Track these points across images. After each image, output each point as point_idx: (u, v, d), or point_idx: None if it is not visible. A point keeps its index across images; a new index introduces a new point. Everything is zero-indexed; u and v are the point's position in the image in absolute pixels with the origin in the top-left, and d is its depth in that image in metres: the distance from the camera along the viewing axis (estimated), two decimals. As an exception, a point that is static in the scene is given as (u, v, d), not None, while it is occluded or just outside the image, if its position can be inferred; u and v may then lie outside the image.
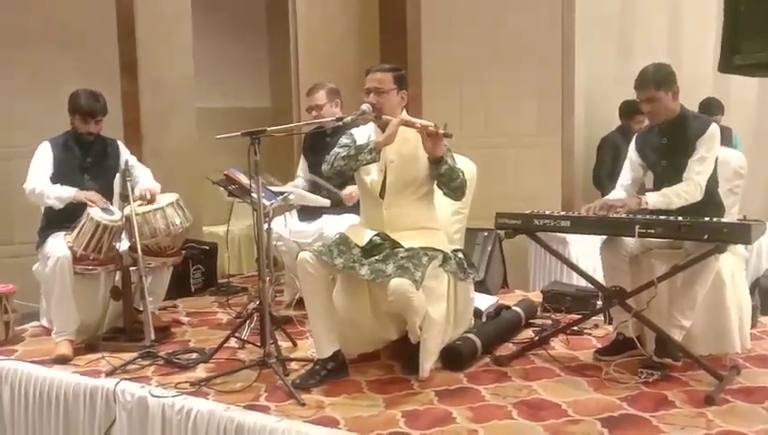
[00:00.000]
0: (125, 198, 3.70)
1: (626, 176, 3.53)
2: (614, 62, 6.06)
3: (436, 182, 3.26)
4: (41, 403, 3.29)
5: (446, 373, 3.22)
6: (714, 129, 3.27)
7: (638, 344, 3.25)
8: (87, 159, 3.88)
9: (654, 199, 3.26)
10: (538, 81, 5.49)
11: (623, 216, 3.21)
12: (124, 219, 3.68)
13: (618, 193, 3.50)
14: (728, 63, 1.61)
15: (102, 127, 3.90)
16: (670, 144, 3.35)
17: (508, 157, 5.51)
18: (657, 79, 3.28)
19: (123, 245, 3.77)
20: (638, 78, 3.34)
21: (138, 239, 3.55)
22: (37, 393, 3.30)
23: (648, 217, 3.18)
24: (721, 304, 3.23)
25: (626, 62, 5.83)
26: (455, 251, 3.41)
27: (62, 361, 3.45)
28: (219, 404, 2.89)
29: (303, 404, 2.88)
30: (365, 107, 3.21)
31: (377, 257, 3.14)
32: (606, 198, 3.54)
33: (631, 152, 3.54)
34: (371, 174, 3.28)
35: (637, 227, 3.04)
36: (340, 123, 3.26)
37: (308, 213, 4.28)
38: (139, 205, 3.70)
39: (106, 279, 3.78)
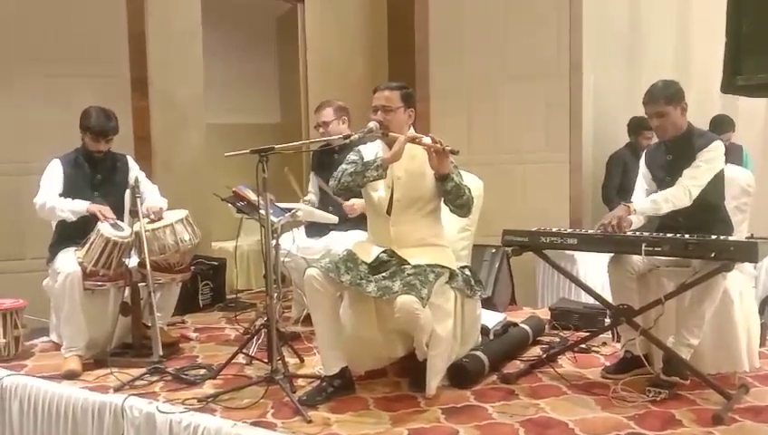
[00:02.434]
0: (135, 214, 3.73)
1: (640, 191, 3.53)
2: (623, 79, 6.06)
3: (442, 199, 3.27)
4: (49, 418, 3.30)
5: (452, 391, 3.22)
6: (717, 144, 3.28)
7: (646, 363, 3.25)
8: (97, 176, 3.92)
9: (642, 206, 3.29)
10: (546, 97, 5.50)
11: (630, 233, 3.21)
12: (134, 235, 3.70)
13: None
14: (730, 84, 1.62)
15: (112, 144, 3.94)
16: (675, 160, 3.35)
17: (516, 173, 5.51)
18: (667, 94, 3.30)
19: (132, 261, 3.79)
20: (648, 93, 3.35)
21: (147, 255, 3.57)
22: (46, 408, 3.31)
23: (655, 235, 3.18)
24: (729, 322, 3.23)
25: (635, 79, 5.84)
26: (462, 268, 3.42)
27: (71, 376, 3.47)
28: (226, 421, 2.89)
29: (310, 421, 2.88)
30: (372, 125, 3.23)
31: (384, 274, 3.15)
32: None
33: (642, 168, 3.56)
34: (378, 190, 3.30)
35: (643, 244, 3.04)
36: (348, 141, 3.28)
37: (316, 229, 4.30)
38: (149, 221, 3.74)
39: (115, 295, 3.80)
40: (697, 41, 6.02)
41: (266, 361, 3.35)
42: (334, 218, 4.12)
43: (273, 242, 3.74)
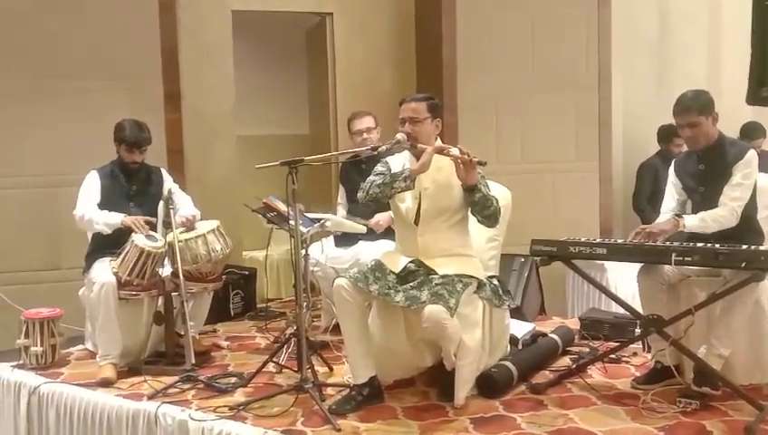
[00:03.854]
0: (168, 225, 3.80)
1: (669, 201, 3.51)
2: (652, 88, 6.02)
3: (470, 209, 3.29)
4: (85, 425, 3.37)
5: (481, 401, 3.22)
6: (751, 155, 3.25)
7: (677, 373, 3.22)
8: (132, 187, 4.01)
9: (691, 222, 3.26)
10: (575, 107, 5.49)
11: (660, 243, 3.19)
12: (167, 246, 3.78)
13: (663, 219, 3.47)
14: (756, 95, 1.63)
15: (147, 155, 4.02)
16: (708, 170, 3.33)
17: (546, 182, 5.50)
18: (699, 104, 3.27)
19: (166, 270, 3.87)
20: (678, 104, 3.33)
21: (180, 265, 3.64)
22: (81, 416, 3.38)
23: (685, 244, 3.15)
24: (761, 332, 3.20)
25: (664, 88, 5.81)
26: (489, 278, 3.43)
27: (106, 384, 3.54)
28: (257, 429, 2.93)
29: (339, 430, 2.91)
30: (400, 136, 3.26)
31: (411, 284, 3.17)
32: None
33: (671, 177, 3.54)
34: (406, 201, 3.33)
35: (674, 254, 3.02)
36: (375, 152, 3.32)
37: (344, 239, 4.34)
38: (182, 232, 3.81)
39: (149, 304, 3.86)
40: (728, 50, 5.97)
41: (296, 369, 3.38)
42: (363, 228, 4.16)
43: (303, 252, 3.78)
